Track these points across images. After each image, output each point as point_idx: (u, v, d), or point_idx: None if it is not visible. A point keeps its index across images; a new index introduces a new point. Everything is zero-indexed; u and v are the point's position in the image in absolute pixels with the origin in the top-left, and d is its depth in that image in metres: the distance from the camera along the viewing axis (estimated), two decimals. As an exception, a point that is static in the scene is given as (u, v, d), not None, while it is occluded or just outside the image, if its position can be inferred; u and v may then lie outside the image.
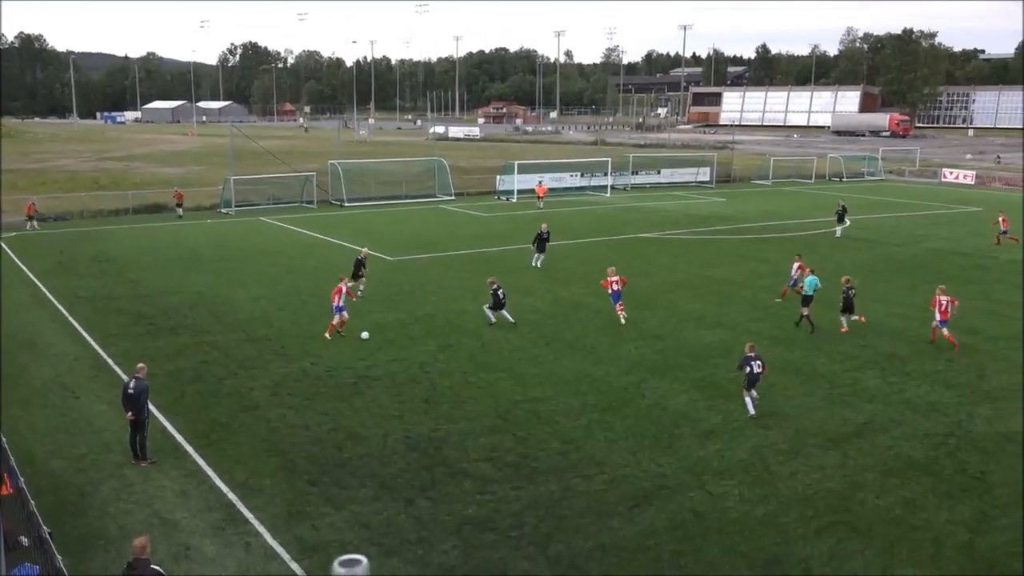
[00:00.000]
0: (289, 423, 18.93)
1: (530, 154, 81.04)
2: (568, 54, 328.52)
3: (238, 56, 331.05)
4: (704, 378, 21.96)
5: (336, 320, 25.38)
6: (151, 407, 17.70)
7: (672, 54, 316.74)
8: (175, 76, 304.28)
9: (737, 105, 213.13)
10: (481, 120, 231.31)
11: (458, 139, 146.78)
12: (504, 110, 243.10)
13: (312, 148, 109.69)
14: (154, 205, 54.98)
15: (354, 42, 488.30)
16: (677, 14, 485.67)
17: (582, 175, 68.73)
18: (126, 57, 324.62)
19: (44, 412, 19.56)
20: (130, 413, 16.81)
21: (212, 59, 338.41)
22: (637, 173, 71.70)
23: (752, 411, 19.30)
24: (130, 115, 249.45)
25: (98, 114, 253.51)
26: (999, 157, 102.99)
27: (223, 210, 53.66)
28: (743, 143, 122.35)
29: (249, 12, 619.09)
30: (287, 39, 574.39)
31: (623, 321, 26.95)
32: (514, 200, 60.68)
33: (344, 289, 25.55)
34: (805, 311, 26.57)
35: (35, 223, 47.32)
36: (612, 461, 17.04)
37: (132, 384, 17.00)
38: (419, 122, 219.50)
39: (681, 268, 35.49)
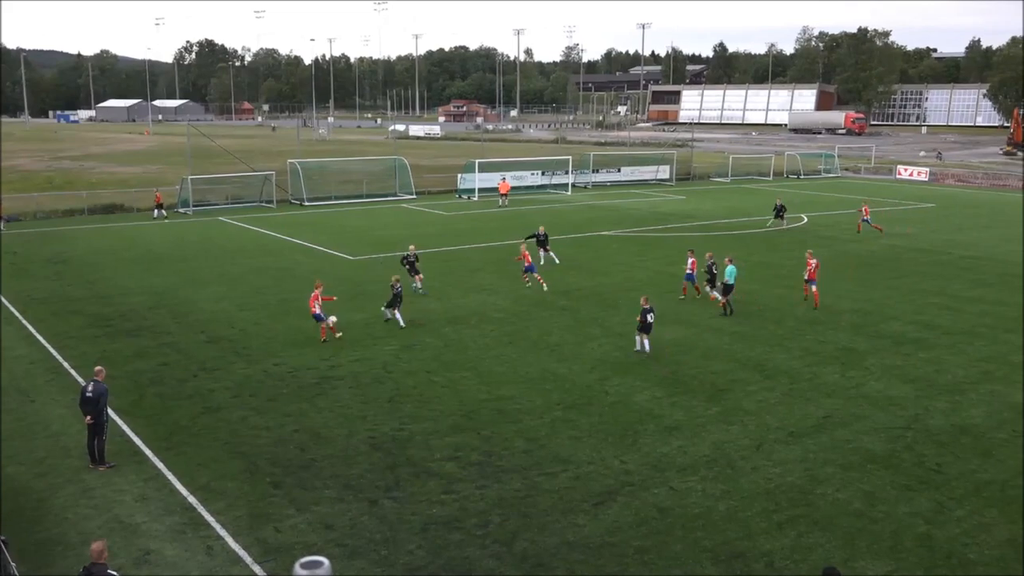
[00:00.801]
0: (252, 425, 18.77)
1: (491, 152, 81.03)
2: (528, 52, 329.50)
3: (194, 54, 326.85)
4: (667, 374, 22.10)
5: (329, 323, 24.59)
6: (110, 410, 17.46)
7: (631, 52, 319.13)
8: (130, 74, 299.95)
9: (696, 103, 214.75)
10: (442, 119, 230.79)
11: (419, 138, 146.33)
12: (465, 108, 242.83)
13: (271, 147, 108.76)
14: (111, 205, 54.22)
15: (312, 40, 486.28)
16: (636, 12, 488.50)
17: (543, 173, 68.82)
18: (79, 55, 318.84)
19: (0, 417, 19.21)
20: (88, 417, 16.56)
21: (168, 57, 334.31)
22: (598, 171, 71.95)
23: (643, 348, 23.68)
24: (84, 114, 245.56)
25: (51, 113, 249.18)
26: (939, 154, 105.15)
27: (181, 210, 53.06)
28: (702, 141, 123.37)
29: (205, 9, 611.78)
30: (244, 37, 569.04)
31: (545, 288, 30.30)
32: (475, 199, 60.64)
33: (319, 296, 24.98)
34: (723, 299, 28.18)
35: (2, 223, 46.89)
36: (577, 458, 17.10)
37: (90, 387, 16.74)
38: (379, 121, 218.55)
39: (642, 265, 35.70)
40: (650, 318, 23.84)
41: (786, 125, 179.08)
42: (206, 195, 55.25)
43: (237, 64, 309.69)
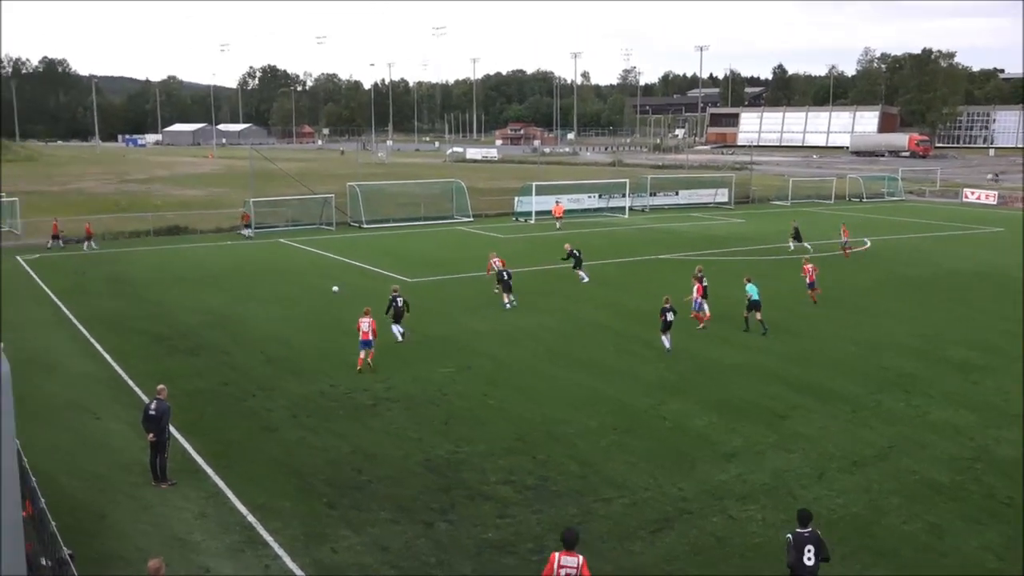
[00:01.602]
0: (308, 445, 18.91)
1: (548, 175, 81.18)
2: (585, 75, 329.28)
3: (257, 79, 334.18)
4: (724, 399, 21.79)
5: (363, 354, 24.29)
6: (171, 428, 17.73)
7: (689, 75, 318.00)
8: (195, 99, 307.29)
9: (755, 126, 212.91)
10: (499, 142, 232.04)
11: (476, 160, 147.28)
12: (522, 131, 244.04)
13: (331, 170, 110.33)
14: (174, 227, 55.36)
15: (372, 65, 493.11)
16: (693, 35, 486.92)
17: (600, 196, 68.74)
18: (147, 81, 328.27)
19: (64, 433, 19.62)
20: (151, 435, 16.84)
21: (232, 82, 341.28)
22: (655, 194, 71.63)
23: (668, 347, 25.69)
24: (151, 138, 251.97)
25: (119, 137, 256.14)
26: (996, 176, 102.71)
27: (242, 232, 53.96)
28: (761, 164, 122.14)
29: (268, 36, 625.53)
30: (306, 62, 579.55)
31: (509, 305, 31.60)
32: (532, 221, 60.71)
33: (371, 324, 24.33)
34: (747, 315, 28.61)
35: (60, 242, 48.46)
36: (632, 484, 16.90)
37: (153, 405, 17.04)
38: (437, 144, 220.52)
39: (700, 289, 35.30)
40: (670, 317, 25.83)
41: (848, 148, 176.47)
42: (267, 217, 56.17)
43: (298, 89, 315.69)
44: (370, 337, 24.29)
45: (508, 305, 32.11)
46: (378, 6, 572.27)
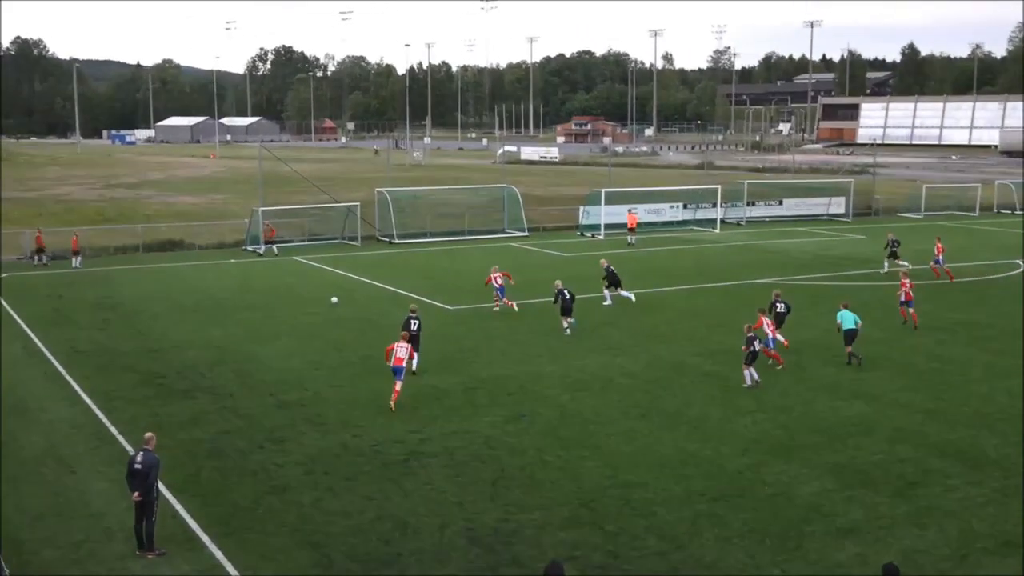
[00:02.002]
0: (326, 509, 19.04)
1: (621, 180, 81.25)
2: (667, 58, 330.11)
3: (269, 63, 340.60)
4: (839, 461, 21.51)
5: (398, 385, 25.25)
6: (161, 486, 17.98)
7: (796, 57, 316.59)
8: (195, 87, 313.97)
9: (879, 119, 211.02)
10: (560, 139, 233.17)
11: (532, 162, 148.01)
12: (588, 127, 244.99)
13: (357, 173, 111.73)
14: (168, 242, 56.46)
15: (407, 46, 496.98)
16: (802, 8, 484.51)
17: (685, 206, 68.59)
18: (138, 65, 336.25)
19: (35, 490, 20.00)
20: (136, 493, 17.09)
21: (239, 67, 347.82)
22: (753, 204, 71.27)
23: (748, 383, 26.71)
24: (142, 134, 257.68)
25: (105, 133, 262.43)
26: None
27: (249, 247, 54.80)
28: (887, 166, 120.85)
29: (283, 11, 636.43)
30: (328, 43, 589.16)
31: (568, 330, 33.00)
32: (601, 237, 60.76)
33: (409, 347, 25.56)
34: (849, 348, 29.51)
35: (43, 257, 49.91)
36: (725, 564, 16.74)
37: (139, 458, 17.31)
38: (486, 141, 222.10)
39: (810, 322, 34.97)
40: (757, 346, 27.05)
41: (996, 147, 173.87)
42: (279, 230, 56.98)
43: (318, 75, 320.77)
44: (404, 364, 25.32)
45: (567, 330, 33.27)
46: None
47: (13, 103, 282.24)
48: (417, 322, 28.94)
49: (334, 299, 38.54)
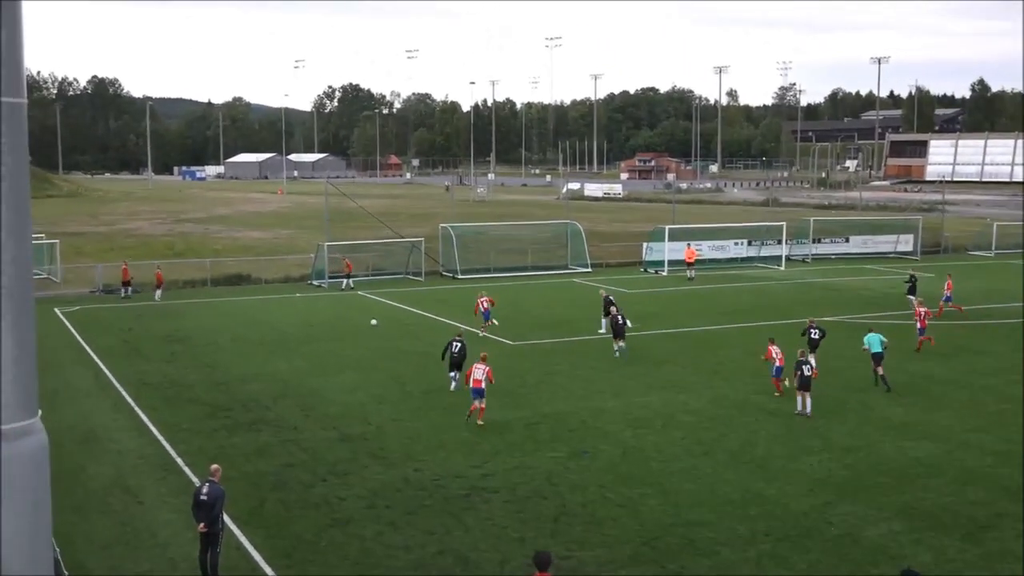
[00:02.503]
0: (387, 543, 19.06)
1: (685, 217, 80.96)
2: (732, 94, 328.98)
3: (336, 100, 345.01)
4: (907, 502, 21.09)
5: (478, 403, 26.80)
6: (225, 518, 18.14)
7: (863, 93, 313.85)
8: (264, 124, 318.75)
9: (948, 156, 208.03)
10: (624, 175, 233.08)
11: (596, 198, 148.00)
12: (652, 163, 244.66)
13: (421, 209, 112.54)
14: (236, 275, 57.21)
15: (472, 83, 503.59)
16: (868, 44, 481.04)
17: (750, 243, 68.16)
18: (209, 103, 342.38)
19: (102, 520, 20.29)
20: (202, 524, 17.24)
21: (307, 104, 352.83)
22: (819, 241, 70.64)
23: (804, 409, 27.52)
24: (212, 170, 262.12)
25: (176, 169, 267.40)
26: None
27: (314, 282, 55.39)
28: (957, 204, 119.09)
29: (350, 50, 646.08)
30: (393, 80, 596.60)
31: (618, 353, 35.03)
32: (664, 273, 60.53)
33: (487, 369, 27.00)
34: (880, 369, 30.94)
35: (130, 290, 51.03)
36: (789, 606, 16.43)
37: (205, 489, 17.48)
38: (549, 177, 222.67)
39: (877, 361, 34.49)
40: (807, 371, 27.81)
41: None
42: (343, 265, 57.47)
43: (384, 112, 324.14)
44: (483, 385, 26.75)
45: (617, 353, 34.91)
46: (480, 10, 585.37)
47: (88, 140, 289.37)
48: (459, 344, 30.73)
49: (373, 321, 41.69)
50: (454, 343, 30.75)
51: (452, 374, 30.43)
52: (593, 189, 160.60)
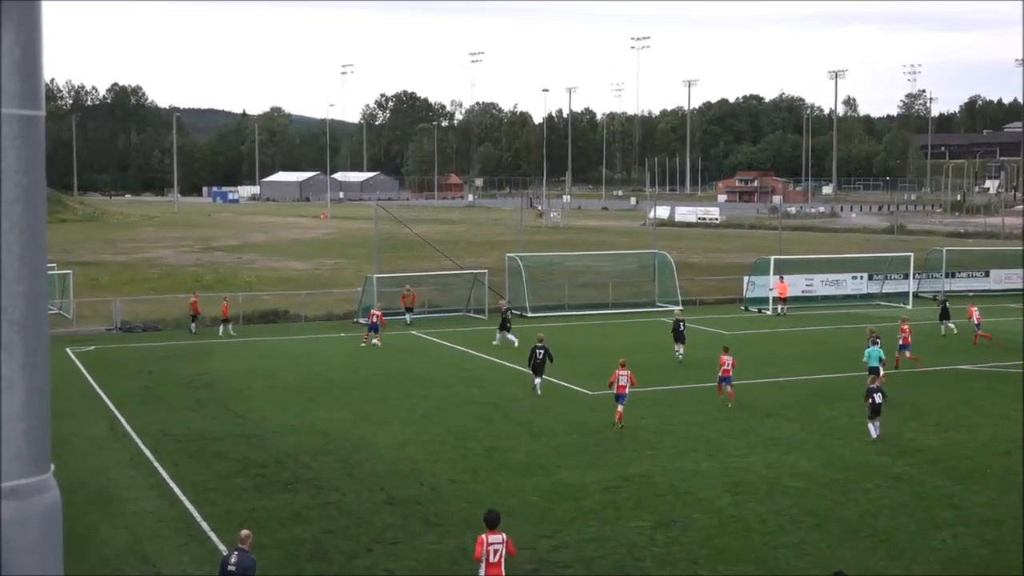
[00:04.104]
0: (442, 624, 19.05)
1: (794, 246, 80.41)
2: (850, 103, 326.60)
3: (388, 111, 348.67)
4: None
5: (621, 408, 31.88)
6: (256, 592, 18.25)
7: (1006, 101, 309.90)
8: (305, 139, 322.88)
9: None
10: (723, 197, 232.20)
11: (690, 224, 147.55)
12: (755, 183, 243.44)
13: (485, 236, 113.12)
14: (272, 312, 57.71)
15: (545, 91, 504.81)
16: (1013, 42, 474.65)
17: (871, 277, 67.39)
18: (244, 114, 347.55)
19: None
20: (229, 599, 17.39)
21: (355, 115, 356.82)
22: (954, 275, 69.65)
23: (874, 435, 30.48)
24: (246, 191, 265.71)
25: (205, 189, 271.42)
26: None
27: (361, 321, 55.63)
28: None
29: (405, 53, 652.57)
30: (455, 88, 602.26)
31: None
32: (769, 312, 60.02)
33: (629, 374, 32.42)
34: (881, 377, 34.65)
35: (229, 327, 52.13)
36: None
37: (233, 559, 17.63)
38: (635, 200, 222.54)
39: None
40: (878, 398, 30.43)
41: None
42: (395, 300, 57.78)
43: (444, 124, 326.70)
44: (627, 391, 32.06)
45: (680, 356, 43.17)
46: (555, 7, 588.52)
47: (107, 156, 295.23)
48: (542, 351, 36.71)
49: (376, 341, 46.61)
50: (537, 350, 36.91)
51: (537, 381, 36.88)
52: (685, 213, 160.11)
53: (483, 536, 18.18)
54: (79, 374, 41.90)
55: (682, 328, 44.49)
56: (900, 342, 42.73)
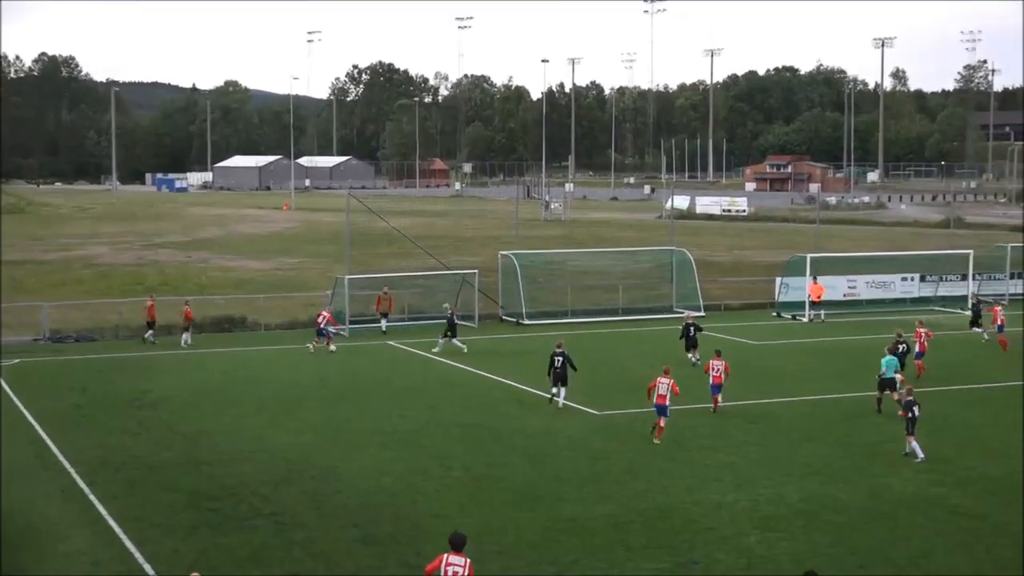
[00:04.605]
0: None
1: (833, 242, 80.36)
2: (899, 75, 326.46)
3: (362, 85, 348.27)
4: None
5: (662, 421, 33.72)
6: (207, 645, 18.18)
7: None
8: (266, 118, 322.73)
9: None
10: (751, 185, 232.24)
11: (712, 216, 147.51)
12: (789, 169, 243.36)
13: (474, 230, 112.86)
14: (227, 319, 57.48)
15: (545, 61, 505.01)
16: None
17: (923, 278, 67.27)
18: (194, 89, 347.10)
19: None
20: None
21: (323, 90, 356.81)
22: (1020, 275, 69.46)
23: (920, 455, 31.40)
24: (196, 178, 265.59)
25: (149, 176, 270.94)
26: None
27: (332, 330, 55.38)
28: None
29: (381, 17, 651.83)
30: (440, 59, 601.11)
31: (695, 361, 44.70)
32: (805, 318, 59.95)
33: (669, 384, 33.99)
34: (879, 395, 37.56)
35: (187, 336, 52.05)
36: None
37: (180, 606, 17.56)
38: (649, 189, 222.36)
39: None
40: (916, 411, 31.77)
41: None
42: (369, 305, 57.64)
43: (427, 100, 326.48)
44: (667, 401, 33.67)
45: (694, 361, 44.26)
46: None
47: (34, 137, 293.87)
48: (561, 358, 38.11)
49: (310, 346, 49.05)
50: (556, 357, 38.20)
51: (554, 390, 38.39)
52: (707, 204, 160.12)
53: (444, 555, 19.16)
54: (0, 392, 41.72)
55: (693, 333, 46.50)
56: (916, 348, 44.59)
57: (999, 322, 51.76)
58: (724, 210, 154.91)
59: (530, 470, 30.94)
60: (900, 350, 41.05)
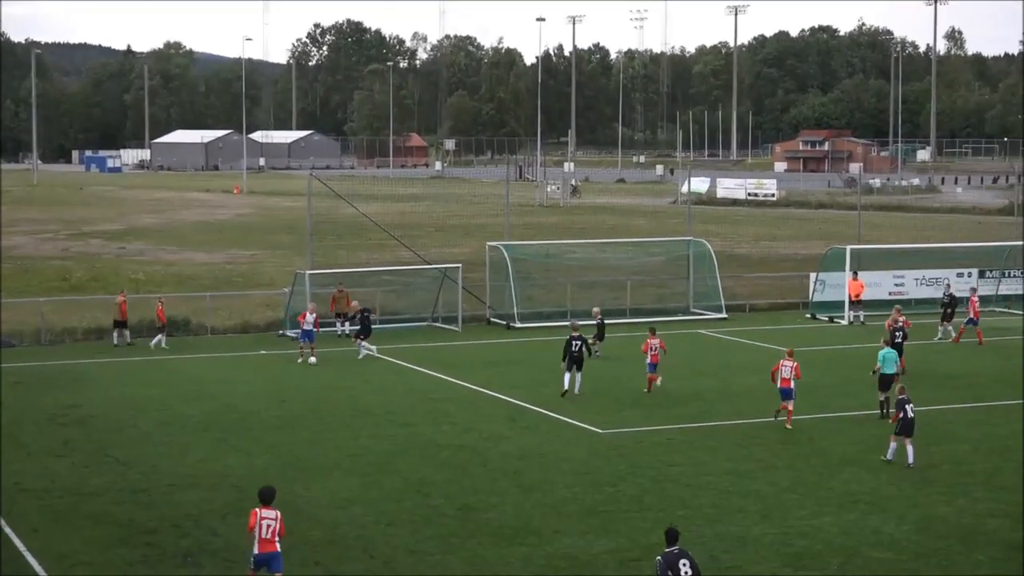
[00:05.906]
0: None
1: (877, 232, 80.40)
2: (954, 37, 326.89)
3: (326, 48, 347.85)
4: None
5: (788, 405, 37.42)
6: None
7: None
8: (214, 85, 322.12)
9: None
10: (781, 165, 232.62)
11: (736, 201, 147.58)
12: (826, 146, 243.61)
13: (458, 217, 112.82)
14: (169, 322, 57.30)
15: (540, 19, 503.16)
16: None
17: (982, 274, 67.22)
18: (128, 51, 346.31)
19: None
20: None
21: (280, 54, 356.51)
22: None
23: (911, 460, 33.22)
24: (132, 155, 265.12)
25: (76, 154, 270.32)
26: None
27: (289, 333, 55.32)
28: None
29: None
30: (417, 17, 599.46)
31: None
32: (844, 321, 59.96)
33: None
34: (881, 397, 39.15)
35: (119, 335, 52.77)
36: None
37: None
38: (662, 169, 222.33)
39: None
40: (910, 411, 33.38)
41: None
42: (337, 299, 57.49)
43: (402, 65, 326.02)
44: (792, 384, 37.42)
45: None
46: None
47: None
48: (579, 343, 41.69)
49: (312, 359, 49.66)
50: (573, 342, 41.69)
51: (568, 376, 41.85)
52: (731, 187, 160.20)
53: (256, 511, 22.88)
54: (0, 393, 41.75)
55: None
56: (971, 315, 48.25)
57: (974, 315, 54.75)
58: (750, 194, 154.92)
59: (522, 500, 30.89)
60: (897, 339, 43.92)
